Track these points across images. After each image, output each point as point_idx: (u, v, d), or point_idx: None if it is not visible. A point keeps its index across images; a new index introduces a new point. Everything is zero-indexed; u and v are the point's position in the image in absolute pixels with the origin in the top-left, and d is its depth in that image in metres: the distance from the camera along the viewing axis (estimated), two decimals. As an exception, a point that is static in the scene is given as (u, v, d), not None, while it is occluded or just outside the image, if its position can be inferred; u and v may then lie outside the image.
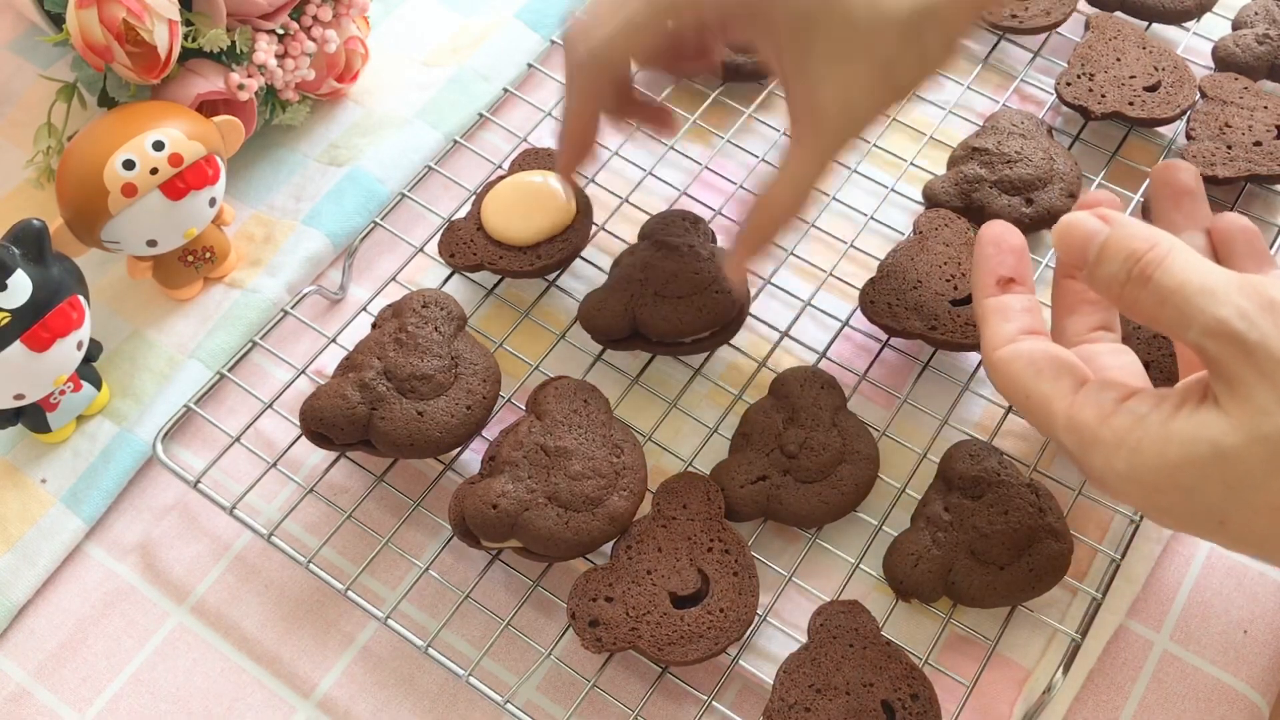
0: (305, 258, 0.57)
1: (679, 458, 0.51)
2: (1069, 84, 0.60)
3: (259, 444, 0.51)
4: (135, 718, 0.47)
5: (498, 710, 0.46)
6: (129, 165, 0.48)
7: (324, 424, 0.47)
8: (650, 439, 0.51)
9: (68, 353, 0.48)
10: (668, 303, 0.50)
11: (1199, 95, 0.60)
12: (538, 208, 0.54)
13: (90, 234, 0.50)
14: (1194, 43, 0.64)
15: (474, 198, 0.56)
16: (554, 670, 0.47)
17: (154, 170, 0.49)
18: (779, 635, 0.47)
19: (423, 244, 0.57)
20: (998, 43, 0.64)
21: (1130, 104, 0.59)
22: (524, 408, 0.50)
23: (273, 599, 0.49)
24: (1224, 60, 0.62)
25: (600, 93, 0.46)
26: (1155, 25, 0.64)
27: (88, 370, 0.52)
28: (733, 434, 0.50)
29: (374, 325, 0.51)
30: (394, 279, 0.55)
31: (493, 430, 0.50)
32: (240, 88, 0.55)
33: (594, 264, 0.56)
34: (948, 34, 0.42)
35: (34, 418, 0.50)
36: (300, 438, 0.50)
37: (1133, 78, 0.60)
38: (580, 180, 0.58)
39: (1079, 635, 0.46)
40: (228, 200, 0.58)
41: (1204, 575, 0.50)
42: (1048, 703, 0.45)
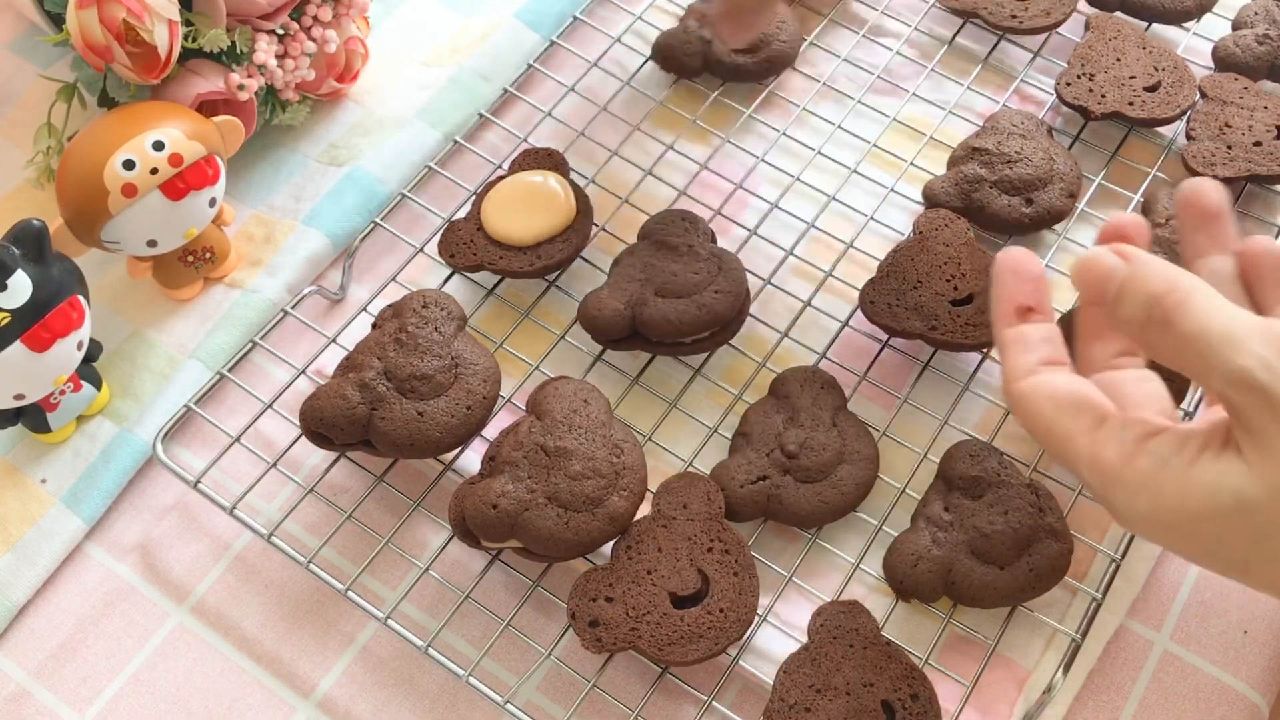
0: (305, 258, 0.57)
1: (679, 458, 0.51)
2: (1069, 84, 0.60)
3: (259, 444, 0.51)
4: (135, 718, 0.47)
5: (498, 710, 0.46)
6: (129, 165, 0.48)
7: (324, 424, 0.47)
8: (650, 439, 0.51)
9: (68, 353, 0.48)
10: (668, 303, 0.50)
11: (1199, 95, 0.60)
12: (538, 208, 0.54)
13: (90, 234, 0.50)
14: (1194, 43, 0.64)
15: (474, 198, 0.56)
16: (554, 670, 0.47)
17: (154, 170, 0.49)
18: (779, 635, 0.47)
19: (423, 244, 0.57)
20: (998, 43, 0.64)
21: (1130, 104, 0.59)
22: (524, 408, 0.50)
23: (273, 599, 0.49)
24: (1224, 60, 0.62)
25: None
26: (1155, 25, 0.64)
27: (88, 370, 0.52)
28: (733, 434, 0.50)
29: (374, 325, 0.51)
30: (394, 279, 0.55)
31: (493, 430, 0.50)
32: (240, 88, 0.55)
33: (594, 264, 0.56)
34: None
35: (34, 418, 0.50)
36: (300, 438, 0.50)
37: (1133, 78, 0.60)
38: (580, 180, 0.58)
39: (1079, 635, 0.46)
40: (228, 200, 0.58)
41: (1204, 575, 0.49)
42: (1048, 703, 0.45)
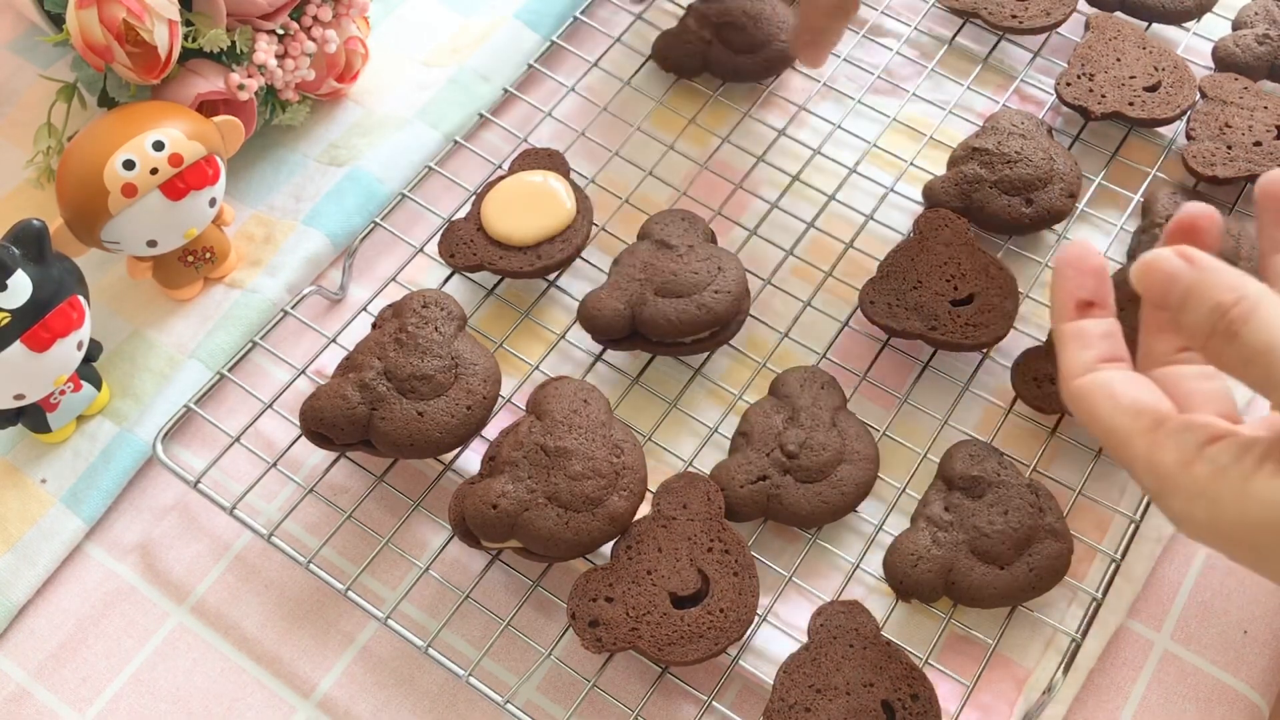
0: (305, 258, 0.57)
1: (679, 458, 0.51)
2: (1069, 84, 0.60)
3: (259, 444, 0.51)
4: (135, 718, 0.47)
5: (498, 710, 0.46)
6: (129, 165, 0.48)
7: (324, 424, 0.47)
8: (650, 439, 0.51)
9: (68, 353, 0.48)
10: (668, 302, 0.50)
11: (1199, 95, 0.60)
12: (538, 208, 0.54)
13: (90, 234, 0.50)
14: (1194, 43, 0.64)
15: (474, 198, 0.56)
16: (554, 670, 0.47)
17: (154, 170, 0.49)
18: (779, 635, 0.47)
19: (423, 244, 0.57)
20: (998, 43, 0.64)
21: (1130, 104, 0.59)
22: (524, 408, 0.50)
23: (273, 599, 0.49)
24: (1224, 60, 0.62)
25: None
26: (1155, 25, 0.64)
27: (88, 370, 0.52)
28: (733, 434, 0.50)
29: (374, 325, 0.51)
30: (394, 279, 0.55)
31: (493, 430, 0.50)
32: (240, 88, 0.55)
33: (594, 264, 0.56)
34: None
35: (34, 418, 0.50)
36: (300, 438, 0.50)
37: (1133, 78, 0.60)
38: (580, 180, 0.58)
39: (1079, 635, 0.46)
40: (228, 200, 0.58)
41: (1204, 575, 0.50)
42: (1048, 703, 0.45)
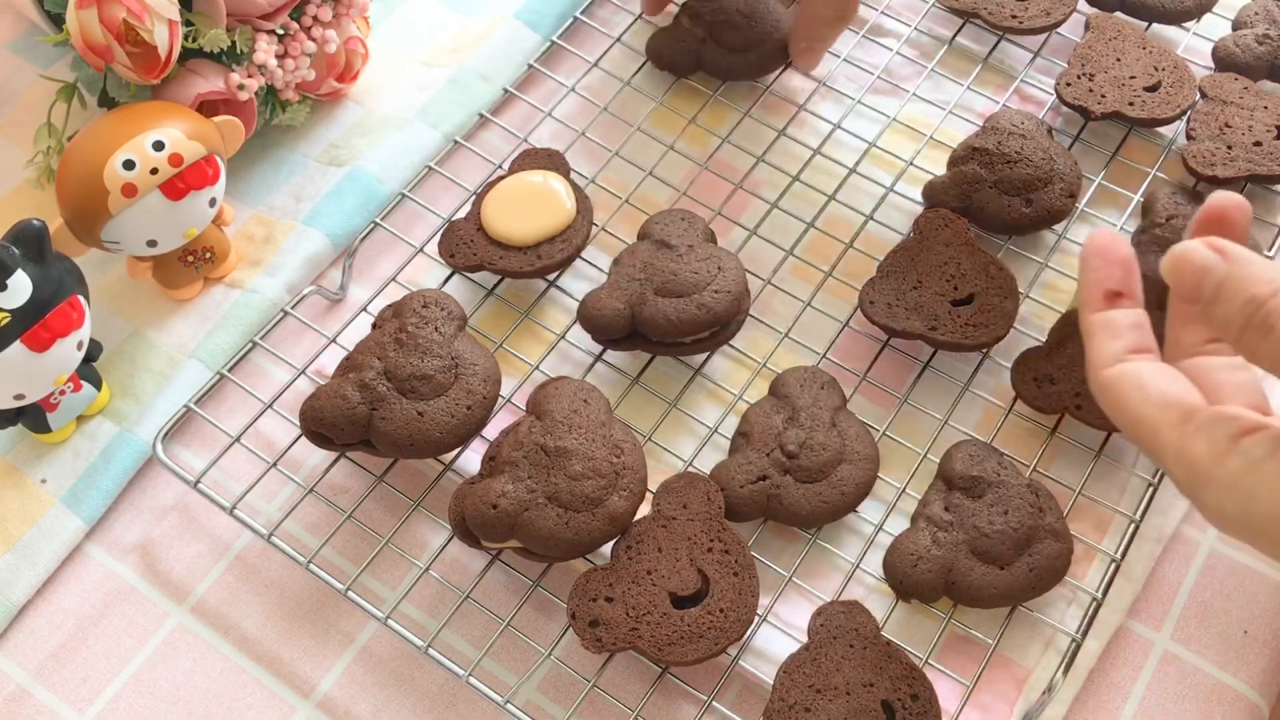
0: (305, 258, 0.57)
1: (679, 458, 0.51)
2: (1069, 84, 0.60)
3: (259, 444, 0.51)
4: (135, 718, 0.47)
5: (498, 710, 0.46)
6: (129, 165, 0.48)
7: (324, 424, 0.47)
8: (650, 439, 0.51)
9: (68, 353, 0.48)
10: (668, 302, 0.50)
11: (1199, 95, 0.60)
12: (538, 208, 0.54)
13: (90, 234, 0.50)
14: (1194, 43, 0.64)
15: (474, 198, 0.56)
16: (554, 670, 0.47)
17: (154, 170, 0.49)
18: (779, 635, 0.47)
19: (423, 244, 0.57)
20: (998, 43, 0.64)
21: (1130, 104, 0.59)
22: (524, 408, 0.50)
23: (273, 599, 0.49)
24: (1224, 60, 0.62)
25: None
26: (1155, 25, 0.64)
27: (88, 370, 0.52)
28: (733, 434, 0.50)
29: (374, 325, 0.51)
30: (394, 279, 0.55)
31: (493, 430, 0.50)
32: (240, 88, 0.55)
33: (594, 264, 0.56)
34: None
35: (34, 418, 0.50)
36: (300, 438, 0.50)
37: (1133, 78, 0.60)
38: (580, 180, 0.58)
39: (1079, 635, 0.46)
40: (228, 200, 0.58)
41: (1204, 575, 0.50)
42: (1048, 703, 0.45)
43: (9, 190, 0.60)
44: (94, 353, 0.52)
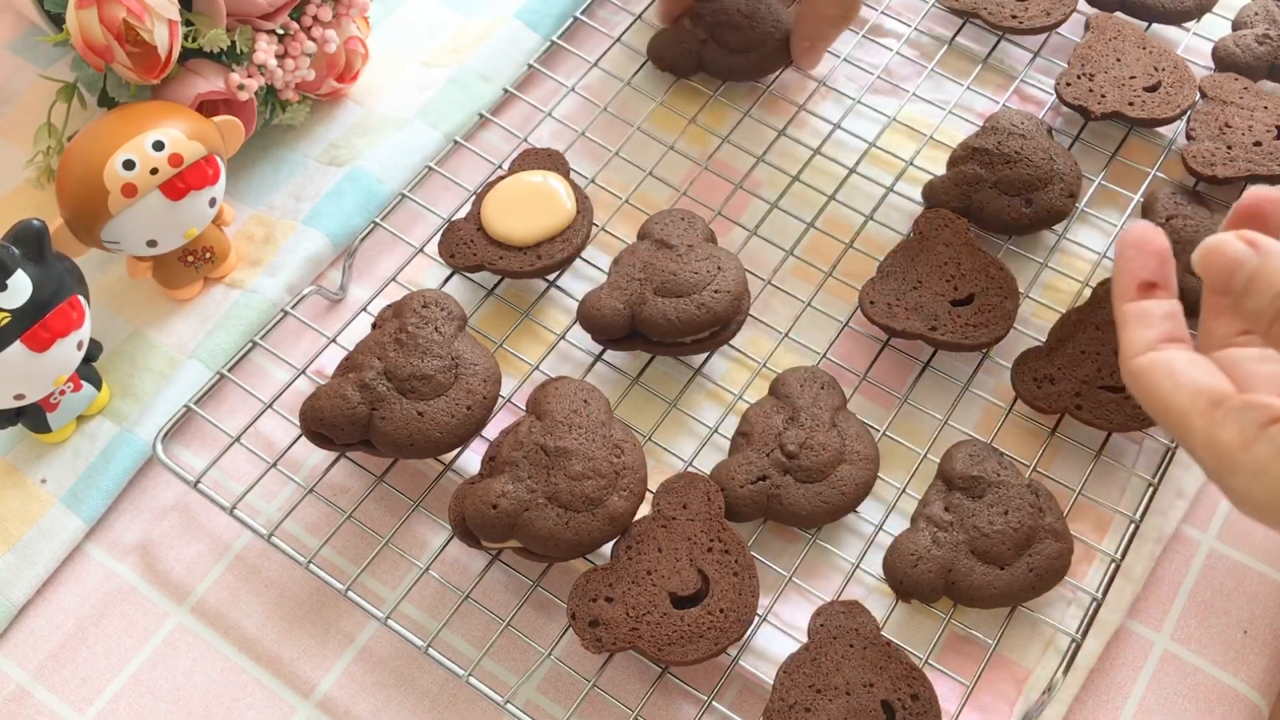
0: (305, 258, 0.57)
1: (679, 458, 0.51)
2: (1069, 84, 0.60)
3: (259, 444, 0.51)
4: (135, 718, 0.47)
5: (498, 710, 0.46)
6: (129, 165, 0.48)
7: (324, 424, 0.47)
8: (650, 439, 0.51)
9: (68, 353, 0.48)
10: (667, 302, 0.50)
11: (1199, 95, 0.60)
12: (538, 208, 0.54)
13: (90, 234, 0.50)
14: (1194, 43, 0.64)
15: (474, 198, 0.56)
16: (554, 670, 0.47)
17: (154, 170, 0.49)
18: (779, 635, 0.47)
19: (423, 244, 0.57)
20: (998, 43, 0.64)
21: (1130, 104, 0.59)
22: (524, 408, 0.50)
23: (273, 599, 0.49)
24: (1224, 60, 0.62)
25: None
26: (1155, 25, 0.64)
27: (88, 370, 0.52)
28: (733, 434, 0.50)
29: (374, 325, 0.51)
30: (394, 279, 0.55)
31: (493, 430, 0.50)
32: (240, 88, 0.55)
33: (594, 264, 0.56)
34: None
35: (34, 418, 0.50)
36: (300, 438, 0.50)
37: (1133, 78, 0.60)
38: (580, 180, 0.58)
39: (1079, 635, 0.46)
40: (228, 200, 0.58)
41: (1204, 575, 0.50)
42: (1048, 703, 0.45)
43: (9, 190, 0.60)
44: (94, 353, 0.52)
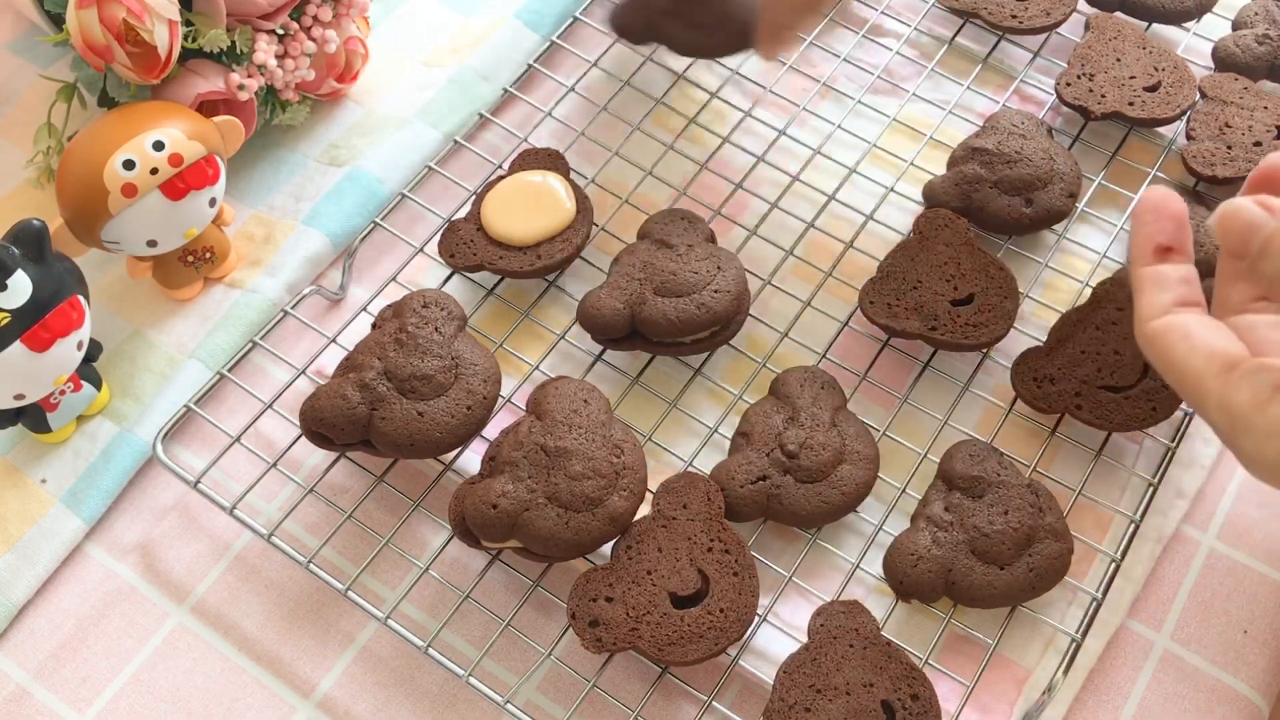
0: (305, 258, 0.57)
1: (679, 458, 0.51)
2: (1069, 84, 0.60)
3: (259, 444, 0.51)
4: (135, 718, 0.47)
5: (498, 710, 0.46)
6: (129, 165, 0.48)
7: (324, 424, 0.47)
8: (650, 439, 0.51)
9: (68, 353, 0.48)
10: (667, 302, 0.50)
11: (1199, 95, 0.60)
12: (538, 208, 0.54)
13: (90, 234, 0.50)
14: (1194, 43, 0.64)
15: (474, 198, 0.56)
16: (554, 670, 0.47)
17: (154, 170, 0.49)
18: (779, 635, 0.47)
19: (423, 244, 0.57)
20: (998, 43, 0.64)
21: (1130, 104, 0.59)
22: (524, 408, 0.50)
23: (273, 599, 0.49)
24: (1224, 60, 0.62)
25: None
26: (1155, 25, 0.64)
27: (88, 370, 0.52)
28: (733, 434, 0.50)
29: (374, 325, 0.51)
30: (394, 279, 0.55)
31: (493, 430, 0.50)
32: (240, 88, 0.55)
33: (594, 264, 0.56)
34: None
35: (34, 418, 0.50)
36: (300, 438, 0.50)
37: (1133, 78, 0.60)
38: (580, 180, 0.58)
39: (1079, 635, 0.46)
40: (228, 200, 0.58)
41: (1204, 575, 0.50)
42: (1048, 703, 0.45)
43: (9, 190, 0.60)
44: (94, 353, 0.52)
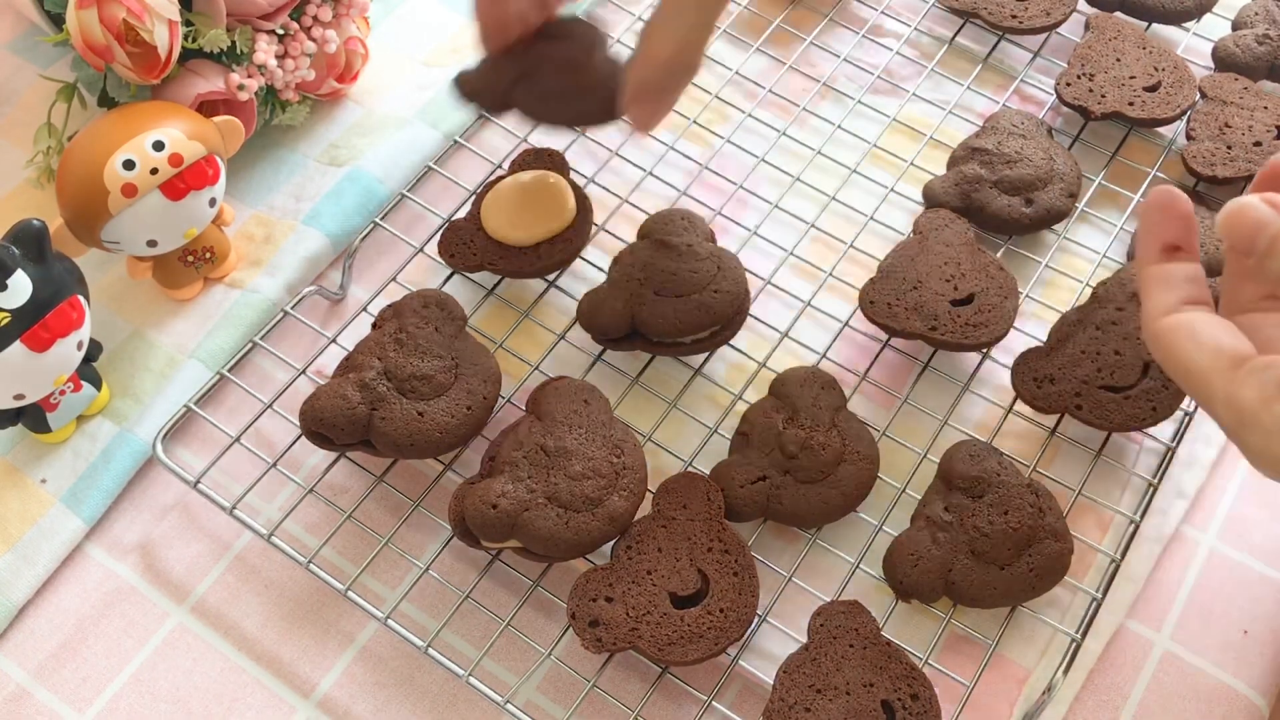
0: (305, 258, 0.57)
1: (679, 458, 0.51)
2: (1069, 84, 0.60)
3: (259, 444, 0.51)
4: (135, 718, 0.47)
5: (498, 710, 0.46)
6: (129, 165, 0.48)
7: (324, 424, 0.47)
8: (650, 439, 0.51)
9: (68, 353, 0.48)
10: (667, 302, 0.50)
11: (1199, 95, 0.60)
12: (538, 208, 0.54)
13: (90, 234, 0.50)
14: (1194, 43, 0.64)
15: (474, 198, 0.56)
16: (554, 670, 0.47)
17: (154, 170, 0.49)
18: (779, 635, 0.47)
19: (423, 244, 0.57)
20: (998, 43, 0.64)
21: (1130, 104, 0.59)
22: (524, 408, 0.50)
23: (273, 599, 0.49)
24: (1224, 60, 0.62)
25: None
26: (1155, 25, 0.64)
27: (88, 370, 0.52)
28: (733, 434, 0.50)
29: (374, 325, 0.51)
30: (394, 279, 0.55)
31: (493, 430, 0.50)
32: (240, 88, 0.55)
33: (594, 264, 0.56)
34: None
35: (34, 418, 0.50)
36: (300, 438, 0.50)
37: (1133, 78, 0.60)
38: (580, 180, 0.58)
39: (1079, 635, 0.46)
40: (228, 200, 0.58)
41: (1204, 575, 0.50)
42: (1048, 703, 0.45)
43: (9, 190, 0.60)
44: (94, 353, 0.52)
